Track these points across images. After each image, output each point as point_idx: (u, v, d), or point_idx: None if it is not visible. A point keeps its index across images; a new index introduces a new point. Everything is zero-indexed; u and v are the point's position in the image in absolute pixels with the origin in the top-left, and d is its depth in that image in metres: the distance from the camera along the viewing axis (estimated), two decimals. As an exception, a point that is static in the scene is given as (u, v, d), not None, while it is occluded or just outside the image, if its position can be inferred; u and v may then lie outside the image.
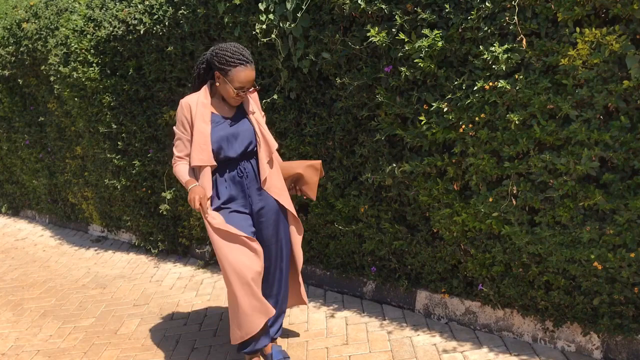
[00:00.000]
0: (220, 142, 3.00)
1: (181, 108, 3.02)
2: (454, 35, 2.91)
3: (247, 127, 3.09)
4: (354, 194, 3.74)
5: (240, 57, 2.92)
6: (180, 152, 3.07)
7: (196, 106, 3.01)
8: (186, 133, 3.03)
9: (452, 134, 3.04)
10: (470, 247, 3.27)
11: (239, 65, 2.91)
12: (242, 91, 2.95)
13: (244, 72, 2.92)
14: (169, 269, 5.15)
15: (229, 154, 3.03)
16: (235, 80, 2.91)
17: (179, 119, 3.03)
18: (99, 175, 5.78)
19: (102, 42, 4.94)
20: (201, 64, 3.11)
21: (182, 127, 3.03)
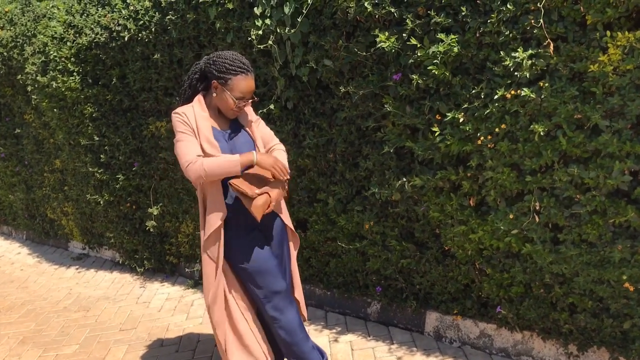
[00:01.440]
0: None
1: (177, 115, 2.71)
2: (470, 40, 2.71)
3: (246, 140, 2.85)
4: (358, 209, 3.52)
5: (240, 65, 2.68)
6: (196, 153, 2.61)
7: (195, 118, 2.72)
8: (193, 135, 2.67)
9: (469, 146, 2.83)
10: (486, 267, 3.06)
11: (240, 74, 2.67)
12: (242, 102, 2.71)
13: (245, 81, 2.67)
14: (156, 289, 4.87)
15: None
16: (235, 89, 2.66)
17: (181, 123, 2.68)
18: (80, 190, 5.48)
19: (84, 50, 4.67)
20: (194, 74, 2.84)
21: (188, 129, 2.67)
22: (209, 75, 2.75)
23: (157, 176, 4.75)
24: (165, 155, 4.56)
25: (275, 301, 2.74)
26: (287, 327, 2.76)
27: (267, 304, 2.75)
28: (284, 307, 2.76)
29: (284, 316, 2.75)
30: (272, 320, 2.76)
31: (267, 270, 2.73)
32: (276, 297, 2.74)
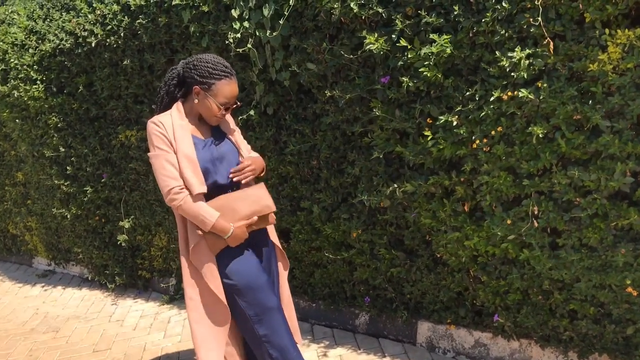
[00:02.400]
0: (206, 167, 2.56)
1: (154, 125, 2.52)
2: (463, 40, 2.61)
3: (229, 149, 2.68)
4: (345, 217, 3.39)
5: (223, 69, 2.52)
6: (177, 179, 2.48)
7: (172, 127, 2.55)
8: (171, 151, 2.50)
9: (463, 149, 2.73)
10: (481, 274, 2.96)
11: (224, 78, 2.51)
12: (226, 108, 2.55)
13: (229, 86, 2.52)
14: (129, 305, 4.65)
15: (218, 180, 2.60)
16: (220, 95, 2.50)
17: (157, 137, 2.50)
18: (45, 204, 5.22)
19: (47, 57, 4.44)
20: (171, 80, 2.65)
21: (165, 145, 2.50)
22: (188, 81, 2.58)
23: (127, 188, 4.54)
24: (136, 165, 4.36)
25: (267, 318, 2.58)
26: (279, 345, 2.61)
27: (258, 323, 2.58)
28: (276, 324, 2.60)
29: (276, 334, 2.59)
30: (263, 340, 2.60)
31: (258, 286, 2.57)
32: (268, 313, 2.58)
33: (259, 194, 2.60)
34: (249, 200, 2.57)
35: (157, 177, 2.52)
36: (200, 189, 2.48)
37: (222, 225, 2.49)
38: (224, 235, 2.51)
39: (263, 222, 2.63)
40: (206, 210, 2.49)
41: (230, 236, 2.51)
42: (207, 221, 2.48)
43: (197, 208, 2.49)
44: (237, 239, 2.53)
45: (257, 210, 2.58)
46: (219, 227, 2.49)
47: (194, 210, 2.48)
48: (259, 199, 2.59)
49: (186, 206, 2.48)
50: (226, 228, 2.50)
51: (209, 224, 2.48)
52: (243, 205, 2.56)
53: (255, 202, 2.58)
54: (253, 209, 2.57)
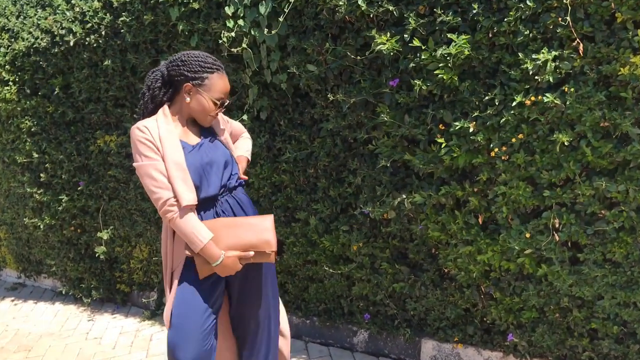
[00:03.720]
0: (197, 174, 2.33)
1: (139, 132, 2.27)
2: (482, 40, 2.44)
3: (221, 153, 2.45)
4: (344, 229, 3.19)
5: (214, 62, 2.34)
6: (170, 189, 2.25)
7: (159, 133, 2.31)
8: (160, 159, 2.26)
9: (479, 158, 2.56)
10: (493, 290, 2.79)
11: (216, 72, 2.32)
12: (221, 104, 2.34)
13: (222, 80, 2.33)
14: (107, 321, 4.36)
15: (208, 190, 2.37)
16: (214, 89, 2.30)
17: (143, 145, 2.26)
18: (16, 213, 4.90)
19: (20, 57, 4.15)
20: (155, 82, 2.40)
21: (153, 152, 2.26)
22: (177, 79, 2.35)
23: (106, 196, 4.27)
24: (116, 172, 4.09)
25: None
26: None
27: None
28: None
29: None
30: None
31: (186, 332, 2.34)
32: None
33: (262, 226, 2.36)
34: (250, 231, 2.34)
35: (148, 188, 2.28)
36: (190, 200, 2.25)
37: (212, 250, 2.26)
38: (212, 262, 2.28)
39: (260, 258, 2.37)
40: (199, 230, 2.26)
41: (218, 264, 2.28)
42: (197, 242, 2.25)
43: (191, 225, 2.26)
44: (226, 269, 2.30)
45: (254, 244, 2.33)
46: (208, 252, 2.26)
47: (187, 226, 2.25)
48: (260, 232, 2.34)
49: (180, 221, 2.25)
50: (215, 255, 2.27)
51: (198, 246, 2.25)
52: (242, 234, 2.33)
53: (256, 233, 2.34)
54: (251, 241, 2.33)
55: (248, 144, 2.72)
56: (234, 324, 2.66)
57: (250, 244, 2.33)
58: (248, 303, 2.55)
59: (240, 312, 2.60)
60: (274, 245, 2.34)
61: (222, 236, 2.31)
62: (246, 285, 2.51)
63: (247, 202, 2.51)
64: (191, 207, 2.27)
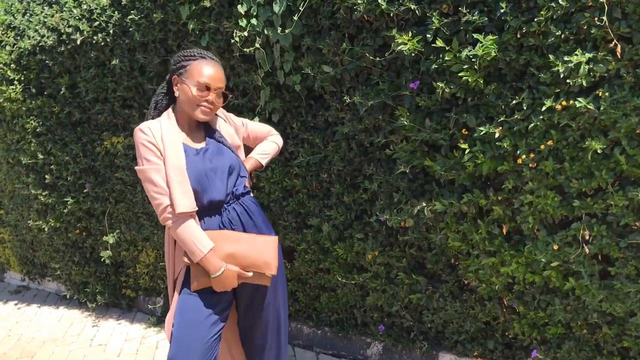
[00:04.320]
0: (199, 180, 2.21)
1: (141, 134, 2.18)
2: (510, 41, 2.31)
3: (228, 158, 2.33)
4: (359, 237, 3.06)
5: (199, 51, 2.27)
6: (167, 198, 2.16)
7: (161, 134, 2.20)
8: (162, 163, 2.17)
9: (504, 165, 2.43)
10: (516, 304, 2.66)
11: (199, 59, 2.24)
12: (207, 91, 2.20)
13: (206, 65, 2.23)
14: (112, 327, 4.25)
15: (213, 195, 2.25)
16: (195, 74, 2.19)
17: (145, 148, 2.16)
18: (20, 215, 4.79)
19: (26, 55, 4.04)
20: (161, 89, 2.39)
21: (155, 156, 2.16)
22: (168, 78, 2.33)
23: (112, 199, 4.15)
24: (122, 175, 3.97)
25: None
26: None
27: None
28: None
29: None
30: None
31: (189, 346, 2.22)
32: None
33: (266, 246, 2.26)
34: (252, 248, 2.23)
35: (149, 193, 2.18)
36: (186, 206, 2.13)
37: (212, 261, 2.15)
38: (211, 274, 2.17)
39: (257, 280, 2.26)
40: (200, 239, 2.15)
41: (217, 276, 2.17)
42: (197, 251, 2.14)
43: (192, 233, 2.15)
44: (223, 283, 2.19)
45: (254, 264, 2.23)
46: (208, 263, 2.15)
47: (187, 234, 2.15)
48: (263, 253, 2.24)
49: (180, 229, 2.15)
50: (216, 266, 2.16)
51: (198, 256, 2.14)
52: (245, 250, 2.22)
53: (258, 252, 2.23)
54: (251, 260, 2.22)
55: (266, 146, 2.59)
56: (242, 336, 2.54)
57: (250, 262, 2.22)
58: (257, 316, 2.43)
59: (248, 325, 2.48)
60: (274, 269, 2.24)
61: (222, 249, 2.20)
62: (256, 296, 2.40)
63: (256, 210, 2.39)
64: (189, 214, 2.16)
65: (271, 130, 2.67)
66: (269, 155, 2.60)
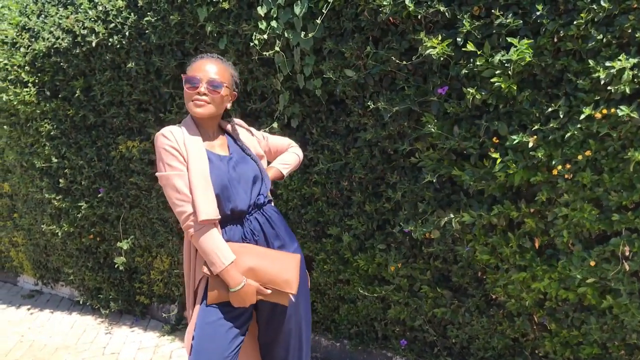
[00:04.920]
0: (222, 187, 2.13)
1: (164, 138, 2.11)
2: (546, 45, 2.18)
3: (252, 167, 2.26)
4: (381, 248, 2.94)
5: (204, 54, 2.25)
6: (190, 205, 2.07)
7: (184, 138, 2.13)
8: (185, 169, 2.09)
9: (538, 176, 2.30)
10: (548, 321, 2.52)
11: (198, 59, 2.22)
12: (198, 84, 2.13)
13: (199, 62, 2.20)
14: (126, 335, 4.16)
15: (236, 204, 2.16)
16: (188, 71, 2.20)
17: (167, 153, 2.08)
18: (33, 219, 4.72)
19: (41, 57, 3.97)
20: None
21: (178, 162, 2.08)
22: None
23: (127, 204, 4.07)
24: (137, 180, 3.89)
25: None
26: None
27: None
28: None
29: None
30: None
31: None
32: None
33: (288, 264, 2.17)
34: (274, 265, 2.14)
35: (171, 201, 2.10)
36: (208, 214, 2.04)
37: (233, 274, 2.07)
38: (230, 287, 2.08)
39: (276, 298, 2.17)
40: (222, 250, 2.07)
41: (236, 291, 2.08)
42: (217, 263, 2.05)
43: (214, 243, 2.07)
44: (242, 298, 2.10)
45: (274, 281, 2.13)
46: (228, 275, 2.06)
47: (209, 245, 2.06)
48: (284, 270, 2.14)
49: (203, 237, 2.06)
50: (236, 280, 2.07)
51: (219, 267, 2.06)
52: (266, 265, 2.13)
53: (279, 269, 2.14)
54: (271, 277, 2.13)
55: (288, 157, 2.53)
56: (262, 352, 2.44)
57: (269, 278, 2.13)
58: (278, 331, 2.33)
59: (269, 340, 2.38)
60: (295, 288, 2.14)
61: (243, 262, 2.10)
62: (277, 310, 2.30)
63: (278, 219, 2.31)
64: (212, 222, 2.07)
65: (291, 143, 2.61)
66: (290, 165, 2.52)
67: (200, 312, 2.13)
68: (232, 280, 2.06)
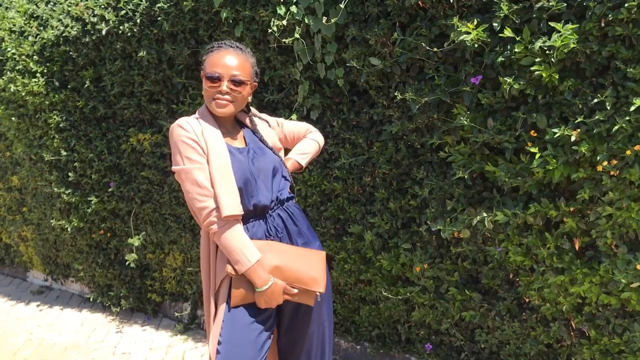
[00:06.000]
0: (244, 181, 1.99)
1: (181, 129, 1.97)
2: (592, 31, 2.01)
3: (270, 159, 2.11)
4: (405, 247, 2.78)
5: (219, 43, 2.07)
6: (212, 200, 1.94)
7: (201, 128, 1.99)
8: (205, 162, 1.95)
9: (581, 172, 2.13)
10: (587, 327, 2.36)
11: (215, 50, 2.05)
12: (218, 82, 1.99)
13: (217, 54, 2.02)
14: (137, 334, 4.03)
15: (258, 199, 2.03)
16: (207, 66, 2.02)
17: (185, 145, 1.95)
18: (43, 213, 4.61)
19: (49, 46, 3.83)
20: None
21: (198, 154, 1.94)
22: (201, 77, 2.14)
23: (138, 199, 3.93)
24: (149, 173, 3.75)
25: None
26: None
27: None
28: None
29: None
30: None
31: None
32: None
33: (314, 261, 2.04)
34: (300, 262, 2.01)
35: (190, 196, 1.96)
36: (233, 209, 1.90)
37: (260, 273, 1.93)
38: (257, 287, 1.94)
39: (301, 297, 2.03)
40: (248, 247, 1.93)
41: (263, 291, 1.94)
42: (243, 261, 1.92)
43: (239, 241, 1.93)
44: (269, 298, 1.96)
45: (301, 279, 2.00)
46: (255, 275, 1.93)
47: (234, 242, 1.92)
48: (310, 268, 2.01)
49: (226, 234, 1.92)
50: (263, 279, 1.94)
51: (245, 265, 1.92)
52: (291, 263, 2.00)
53: (305, 267, 2.01)
54: (298, 275, 2.00)
55: (306, 145, 2.38)
56: (281, 356, 2.30)
57: (296, 277, 1.99)
58: (300, 335, 2.19)
59: (289, 344, 2.24)
60: (323, 286, 2.01)
61: (268, 260, 1.97)
62: (299, 312, 2.16)
63: (301, 216, 2.18)
64: (236, 218, 1.93)
65: (309, 128, 2.45)
66: (309, 154, 2.37)
67: (225, 315, 1.99)
68: (258, 279, 1.92)
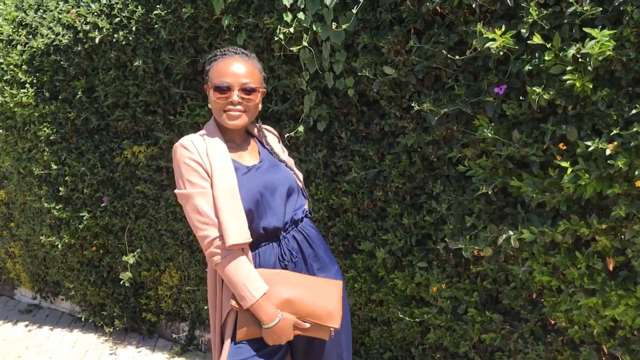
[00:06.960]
0: (253, 202, 1.84)
1: (184, 150, 1.83)
2: (629, 37, 1.87)
3: (284, 176, 1.97)
4: (421, 266, 2.63)
5: (222, 50, 1.95)
6: (217, 227, 1.78)
7: (206, 148, 1.84)
8: (209, 186, 1.80)
9: (616, 188, 1.99)
10: (621, 352, 2.22)
11: (219, 58, 1.92)
12: (228, 92, 1.85)
13: (223, 62, 1.89)
14: (132, 356, 3.85)
15: (269, 220, 1.87)
16: (214, 76, 1.89)
17: (188, 168, 1.81)
18: (31, 229, 4.41)
19: (39, 55, 3.65)
20: None
21: (201, 178, 1.80)
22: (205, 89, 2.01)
23: (132, 214, 3.75)
24: (144, 188, 3.57)
25: None
26: None
27: None
28: None
29: None
30: None
31: None
32: None
33: (329, 292, 1.88)
34: (313, 294, 1.84)
35: (192, 223, 1.81)
36: (238, 238, 1.74)
37: (266, 308, 1.77)
38: (264, 324, 1.78)
39: (315, 332, 1.87)
40: (252, 280, 1.77)
41: (271, 327, 1.78)
42: (247, 296, 1.76)
43: (242, 274, 1.77)
44: (277, 335, 1.80)
45: (314, 313, 1.83)
46: (261, 310, 1.77)
47: (237, 276, 1.77)
48: (325, 300, 1.85)
49: (229, 267, 1.77)
50: (270, 315, 1.78)
51: (248, 301, 1.76)
52: (304, 295, 1.83)
53: (320, 300, 1.84)
54: (311, 309, 1.83)
55: None
56: None
57: (309, 311, 1.82)
58: None
59: None
60: (338, 321, 1.84)
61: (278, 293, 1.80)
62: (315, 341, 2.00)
63: (317, 237, 2.03)
64: (241, 247, 1.77)
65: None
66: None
67: (230, 350, 1.82)
68: (265, 315, 1.76)
